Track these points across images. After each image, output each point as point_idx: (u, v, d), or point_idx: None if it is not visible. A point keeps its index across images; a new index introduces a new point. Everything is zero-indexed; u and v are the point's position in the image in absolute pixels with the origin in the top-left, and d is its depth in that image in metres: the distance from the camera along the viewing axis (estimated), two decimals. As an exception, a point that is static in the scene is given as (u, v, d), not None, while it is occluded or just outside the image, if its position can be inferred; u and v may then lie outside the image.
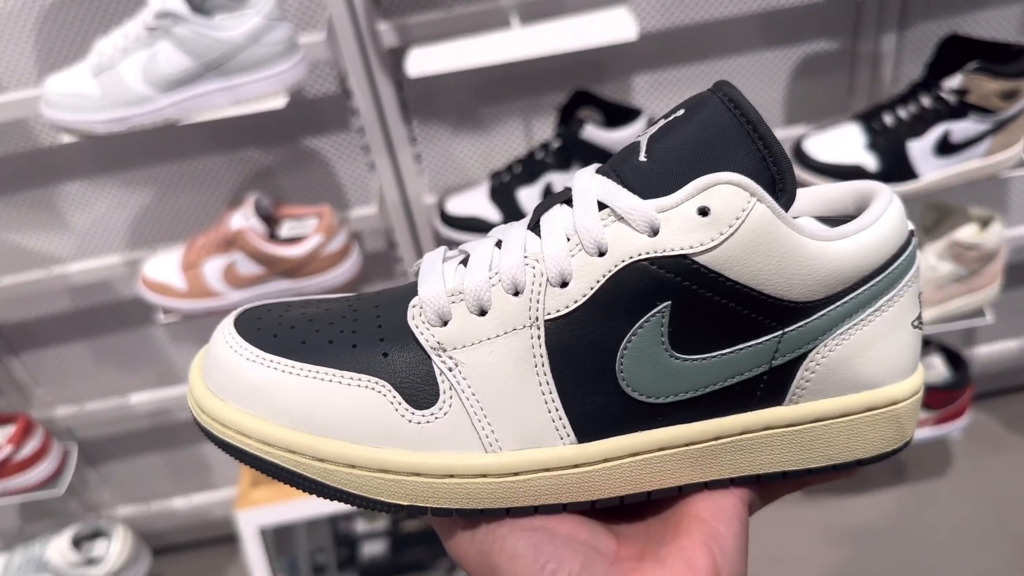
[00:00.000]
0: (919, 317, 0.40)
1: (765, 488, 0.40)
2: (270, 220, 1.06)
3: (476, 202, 1.06)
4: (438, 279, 0.39)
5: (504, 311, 0.37)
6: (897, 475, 1.47)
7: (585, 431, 0.37)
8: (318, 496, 0.37)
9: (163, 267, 1.07)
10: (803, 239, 0.36)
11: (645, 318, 0.36)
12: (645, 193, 0.36)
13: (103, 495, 1.47)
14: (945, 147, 1.02)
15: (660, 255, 0.35)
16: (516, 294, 0.37)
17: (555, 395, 0.37)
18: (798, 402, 0.39)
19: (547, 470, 0.37)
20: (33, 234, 1.19)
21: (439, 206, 1.08)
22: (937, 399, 1.26)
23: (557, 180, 1.00)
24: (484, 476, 0.37)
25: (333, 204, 1.09)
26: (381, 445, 0.37)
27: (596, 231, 0.36)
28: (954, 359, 1.28)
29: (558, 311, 0.36)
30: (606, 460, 0.38)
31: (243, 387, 0.37)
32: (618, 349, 0.36)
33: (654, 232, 0.35)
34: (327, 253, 1.03)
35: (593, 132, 0.96)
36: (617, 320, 0.36)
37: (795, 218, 0.37)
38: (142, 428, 1.41)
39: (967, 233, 1.12)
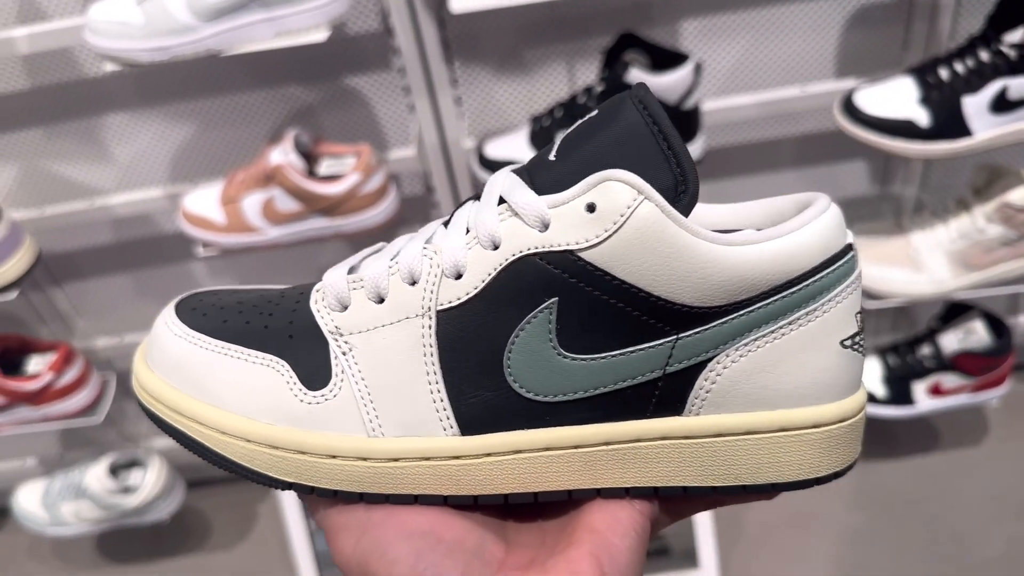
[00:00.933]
0: (854, 337, 0.37)
1: (671, 504, 0.39)
2: (309, 157, 1.06)
3: (515, 146, 1.05)
4: (344, 266, 0.40)
5: (400, 299, 0.38)
6: (931, 441, 1.45)
7: (469, 424, 0.37)
8: (218, 467, 0.39)
9: (203, 201, 1.07)
10: (695, 240, 0.34)
11: (533, 313, 0.36)
12: (547, 191, 0.36)
13: (140, 426, 1.50)
14: (1002, 104, 0.99)
15: (548, 250, 0.35)
16: (413, 283, 0.37)
17: (441, 385, 0.37)
18: (699, 414, 0.37)
19: (427, 459, 0.37)
20: (77, 165, 1.20)
21: (478, 149, 1.08)
22: (976, 365, 1.24)
23: (599, 125, 0.98)
24: (365, 460, 0.38)
25: (372, 144, 1.08)
26: (275, 423, 0.38)
27: (492, 225, 0.36)
28: (997, 325, 1.25)
29: (450, 302, 0.37)
30: (488, 455, 0.37)
31: (168, 360, 0.40)
32: (506, 344, 0.36)
33: (545, 227, 0.35)
34: (364, 192, 1.03)
35: (638, 76, 0.94)
36: (506, 314, 0.36)
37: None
38: (179, 362, 1.43)
39: (1019, 195, 1.09)
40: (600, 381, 0.36)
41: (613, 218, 0.34)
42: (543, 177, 0.37)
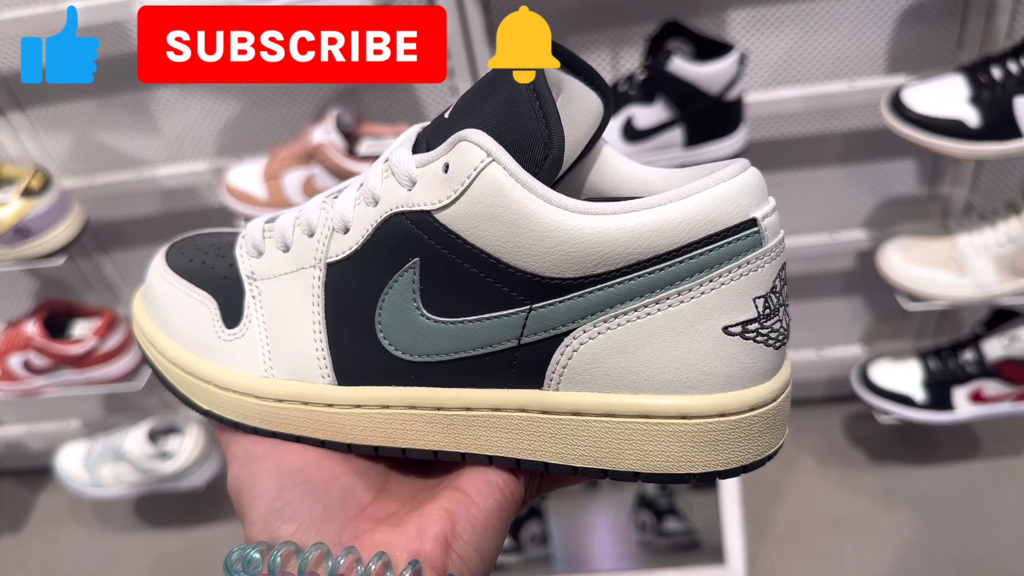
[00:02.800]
0: (749, 324, 0.33)
1: (543, 477, 0.39)
2: (350, 136, 1.07)
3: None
4: (265, 216, 0.42)
5: (299, 250, 0.39)
6: (971, 449, 1.42)
7: (344, 375, 0.39)
8: (163, 386, 0.44)
9: (246, 176, 1.09)
10: (543, 206, 0.33)
11: (400, 272, 0.36)
12: (432, 149, 0.36)
13: (181, 395, 1.53)
14: (1057, 106, 0.96)
15: (410, 209, 0.35)
16: (311, 235, 0.39)
17: (323, 335, 0.39)
18: (557, 389, 0.36)
19: (305, 404, 0.39)
20: (126, 136, 1.22)
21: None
22: (1021, 373, 1.21)
23: (640, 113, 0.97)
24: (256, 397, 0.40)
25: (413, 125, 1.09)
26: (198, 352, 0.42)
27: (374, 182, 0.37)
28: (1044, 333, 1.22)
29: (338, 256, 0.38)
30: (358, 406, 0.39)
31: (148, 292, 0.45)
32: (378, 300, 0.37)
33: (412, 186, 0.35)
34: (403, 173, 1.04)
35: (680, 65, 0.93)
36: (379, 271, 0.37)
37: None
38: (220, 334, 1.46)
39: (1072, 200, 1.06)
40: (459, 346, 0.36)
41: (461, 179, 0.34)
42: (435, 136, 0.36)
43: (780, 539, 1.35)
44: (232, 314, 0.41)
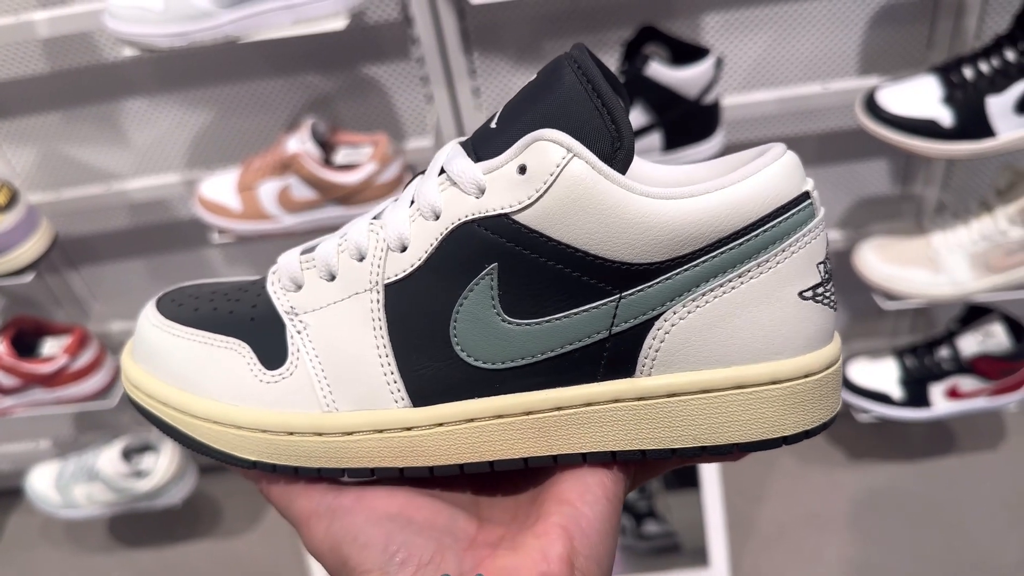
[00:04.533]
0: (816, 288, 0.36)
1: (638, 467, 0.39)
2: (326, 146, 1.06)
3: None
4: (299, 248, 0.41)
5: (349, 276, 0.38)
6: (947, 445, 1.44)
7: (420, 395, 0.38)
8: (188, 448, 0.40)
9: (219, 187, 1.07)
10: (628, 195, 0.34)
11: (475, 281, 0.36)
12: (487, 158, 0.36)
13: (154, 411, 1.51)
14: (1027, 105, 0.97)
15: (484, 215, 0.35)
16: (361, 259, 0.38)
17: (391, 358, 0.37)
18: (650, 374, 0.36)
19: (379, 432, 0.38)
20: (94, 149, 1.20)
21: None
22: (995, 369, 1.23)
23: (617, 119, 0.97)
24: (320, 435, 0.38)
25: (389, 134, 1.08)
26: (237, 403, 0.39)
27: (432, 195, 0.36)
28: (1016, 329, 1.23)
29: (396, 275, 0.37)
30: (439, 424, 0.37)
31: (147, 350, 0.41)
32: (451, 313, 0.36)
33: (481, 193, 0.35)
34: (381, 182, 1.03)
35: (658, 69, 0.93)
36: (449, 283, 0.36)
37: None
38: (193, 348, 1.44)
39: (1043, 198, 1.07)
40: (546, 345, 0.36)
41: (543, 178, 0.34)
42: (485, 145, 0.36)
43: (763, 539, 1.35)
44: (272, 355, 0.39)
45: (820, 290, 0.36)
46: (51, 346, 1.24)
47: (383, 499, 0.37)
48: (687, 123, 0.98)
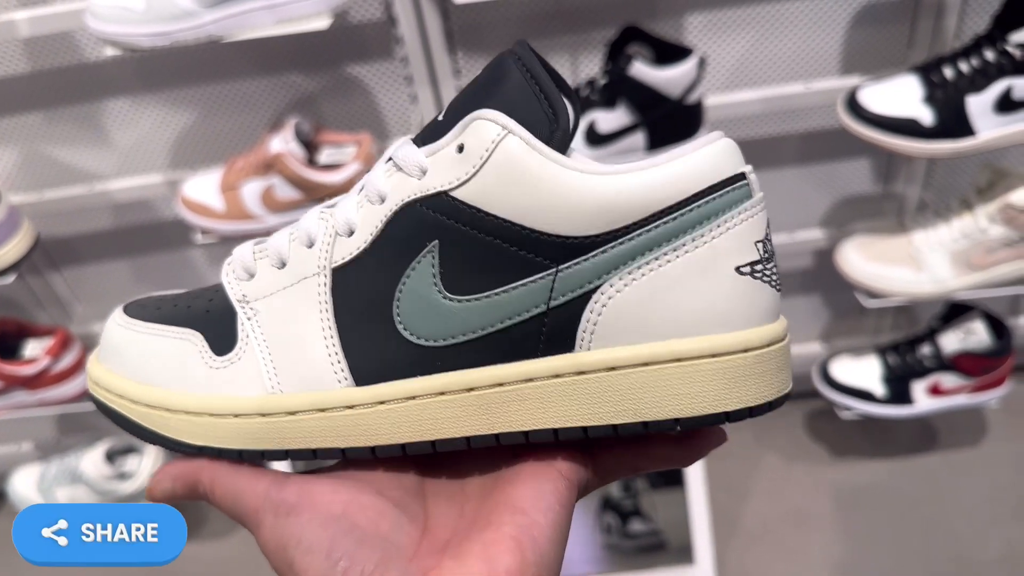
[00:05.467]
0: (755, 265, 0.36)
1: (599, 463, 0.39)
2: (309, 146, 1.06)
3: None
4: (253, 240, 0.42)
5: (298, 262, 0.39)
6: (929, 442, 1.45)
7: (363, 375, 0.38)
8: (141, 438, 0.41)
9: (202, 188, 1.07)
10: (562, 170, 0.35)
11: (417, 259, 0.37)
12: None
13: (137, 413, 1.50)
14: (1006, 104, 0.98)
15: (424, 195, 0.36)
16: (310, 246, 0.39)
17: (336, 339, 0.38)
18: (589, 348, 0.36)
19: (322, 411, 0.38)
20: (76, 150, 1.19)
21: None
22: (976, 366, 1.24)
23: (602, 118, 0.98)
24: (264, 415, 0.39)
25: (373, 133, 1.08)
26: (188, 390, 0.40)
27: (379, 181, 0.38)
28: (997, 326, 1.25)
29: (343, 259, 0.38)
30: (382, 403, 0.38)
31: (109, 347, 0.42)
32: (394, 292, 0.37)
33: (423, 174, 0.37)
34: (365, 182, 1.03)
35: (641, 69, 0.94)
36: (394, 263, 0.37)
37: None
38: (177, 349, 1.43)
39: (1021, 196, 1.08)
40: (486, 321, 0.36)
41: (479, 154, 0.35)
42: (431, 136, 0.38)
43: (748, 537, 1.36)
44: (222, 342, 0.40)
45: (759, 267, 0.36)
46: (33, 348, 1.23)
47: (327, 495, 0.37)
48: (670, 122, 0.99)
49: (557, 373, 0.37)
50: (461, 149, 0.36)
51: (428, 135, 0.38)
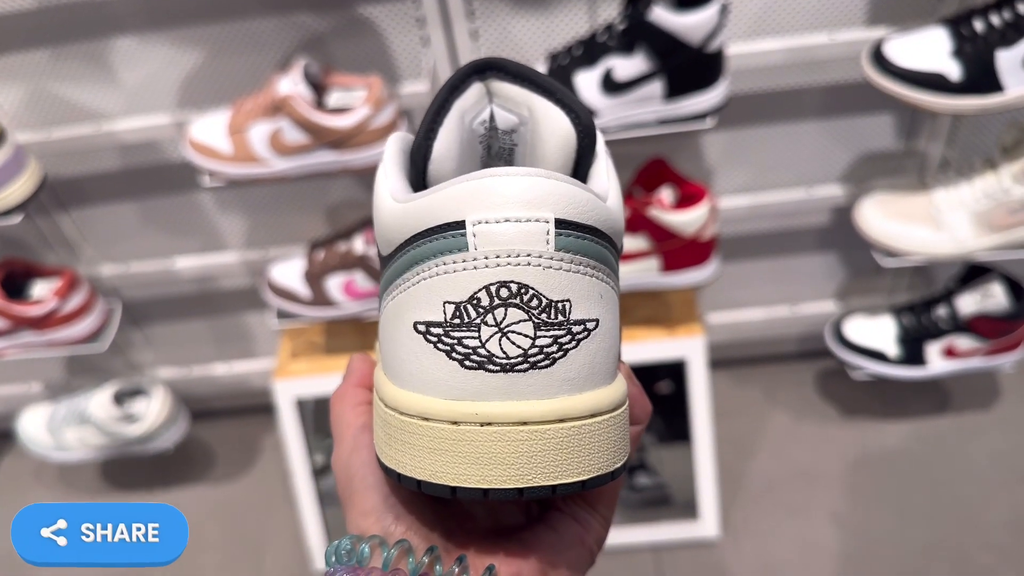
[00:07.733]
0: (433, 328, 0.32)
1: None
2: (318, 88, 1.04)
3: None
4: None
5: None
6: (941, 404, 1.44)
7: None
8: None
9: (210, 129, 1.05)
10: (386, 196, 0.35)
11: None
12: None
13: (146, 355, 1.50)
14: (1038, 59, 0.95)
15: None
16: None
17: None
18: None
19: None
20: (84, 88, 1.17)
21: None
22: (993, 329, 1.22)
23: (619, 65, 0.95)
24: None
25: (384, 76, 1.05)
26: None
27: None
28: (1016, 289, 1.22)
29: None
30: None
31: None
32: None
33: None
34: (374, 126, 1.01)
35: (661, 14, 0.91)
36: None
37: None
38: (186, 292, 1.43)
39: (1049, 155, 1.05)
40: None
41: None
42: None
43: (753, 494, 1.35)
44: None
45: (437, 331, 0.32)
46: (41, 289, 1.23)
47: None
48: (690, 71, 0.96)
49: None
50: None
51: None
